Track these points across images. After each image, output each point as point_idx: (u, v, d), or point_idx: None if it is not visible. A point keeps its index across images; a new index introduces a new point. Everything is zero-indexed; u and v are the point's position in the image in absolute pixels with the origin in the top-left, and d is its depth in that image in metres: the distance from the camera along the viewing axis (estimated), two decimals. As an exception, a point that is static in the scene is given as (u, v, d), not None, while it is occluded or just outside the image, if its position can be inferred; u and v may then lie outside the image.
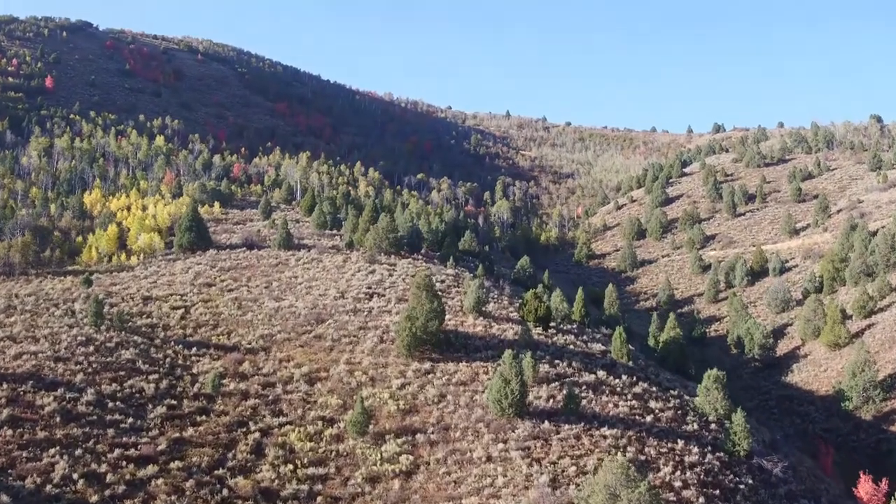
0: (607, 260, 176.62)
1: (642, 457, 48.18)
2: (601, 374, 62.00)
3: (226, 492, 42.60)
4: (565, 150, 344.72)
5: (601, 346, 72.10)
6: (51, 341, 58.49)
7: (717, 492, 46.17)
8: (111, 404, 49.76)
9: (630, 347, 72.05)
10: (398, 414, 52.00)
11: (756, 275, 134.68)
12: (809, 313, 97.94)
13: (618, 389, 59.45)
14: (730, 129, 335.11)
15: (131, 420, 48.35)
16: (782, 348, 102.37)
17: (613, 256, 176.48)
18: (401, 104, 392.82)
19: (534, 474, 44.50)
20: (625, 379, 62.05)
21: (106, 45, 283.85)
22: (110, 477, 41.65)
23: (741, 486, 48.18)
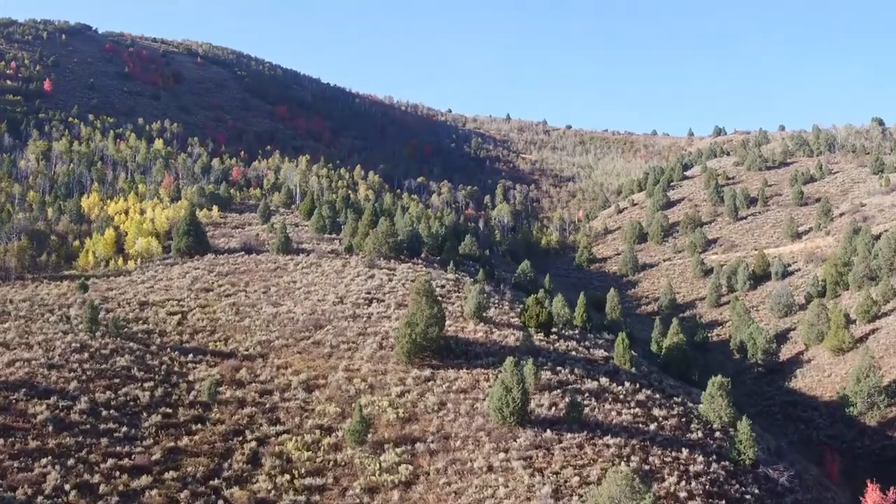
0: (608, 264, 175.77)
1: (646, 466, 47.34)
2: (604, 380, 61.10)
3: (221, 503, 41.80)
4: (566, 153, 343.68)
5: (603, 352, 71.16)
6: (45, 348, 57.65)
7: (723, 502, 45.36)
8: (105, 413, 48.95)
9: (633, 353, 71.04)
10: (397, 422, 51.15)
11: (758, 279, 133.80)
12: (813, 318, 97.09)
13: (621, 397, 58.57)
14: (731, 132, 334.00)
15: (125, 429, 47.53)
16: (785, 353, 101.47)
17: (614, 260, 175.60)
18: (401, 107, 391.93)
19: (536, 485, 43.63)
20: (628, 386, 61.14)
21: (105, 48, 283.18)
22: (103, 488, 40.82)
23: (747, 495, 47.35)
